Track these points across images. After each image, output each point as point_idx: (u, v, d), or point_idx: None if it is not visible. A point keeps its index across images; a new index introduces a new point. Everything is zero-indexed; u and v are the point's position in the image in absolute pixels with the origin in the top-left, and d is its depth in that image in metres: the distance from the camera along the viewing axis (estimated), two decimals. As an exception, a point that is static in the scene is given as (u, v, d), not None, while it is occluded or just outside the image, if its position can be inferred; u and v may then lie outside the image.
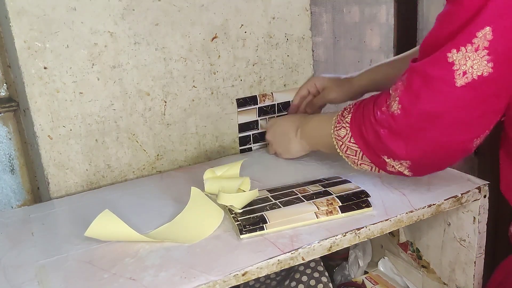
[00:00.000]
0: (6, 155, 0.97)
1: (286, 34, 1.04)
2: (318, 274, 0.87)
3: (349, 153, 0.77)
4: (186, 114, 0.98)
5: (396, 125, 0.68)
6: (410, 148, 0.68)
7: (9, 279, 0.63)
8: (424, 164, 0.71)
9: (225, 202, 0.74)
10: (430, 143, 0.67)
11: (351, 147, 0.76)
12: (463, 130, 0.65)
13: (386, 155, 0.71)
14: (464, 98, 0.62)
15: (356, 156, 0.76)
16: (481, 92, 0.62)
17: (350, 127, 0.75)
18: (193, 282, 0.59)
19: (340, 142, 0.77)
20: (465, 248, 0.82)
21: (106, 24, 0.86)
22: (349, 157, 0.77)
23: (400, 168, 0.72)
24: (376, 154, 0.72)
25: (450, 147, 0.67)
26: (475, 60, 0.60)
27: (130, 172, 0.95)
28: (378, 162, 0.74)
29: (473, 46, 0.59)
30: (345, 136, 0.76)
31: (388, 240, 1.01)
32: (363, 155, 0.75)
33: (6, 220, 0.80)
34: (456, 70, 0.61)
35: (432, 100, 0.64)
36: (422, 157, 0.69)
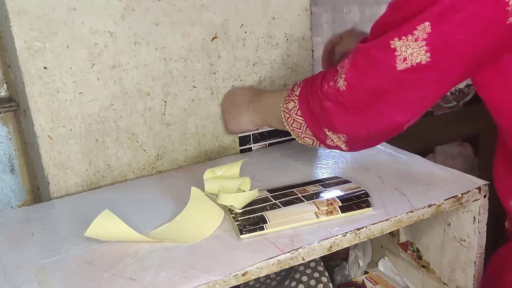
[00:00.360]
0: (6, 155, 0.97)
1: (286, 34, 1.04)
2: (318, 274, 0.87)
3: (294, 126, 0.80)
4: (186, 114, 0.98)
5: (342, 99, 0.72)
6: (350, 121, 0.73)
7: (9, 279, 0.63)
8: (359, 140, 0.76)
9: (225, 202, 0.74)
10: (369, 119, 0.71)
11: (297, 120, 0.79)
12: (403, 109, 0.70)
13: (327, 128, 0.75)
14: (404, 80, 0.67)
15: (300, 129, 0.79)
16: (420, 77, 0.66)
17: (299, 99, 0.79)
18: (193, 282, 0.59)
19: (287, 114, 0.80)
20: (465, 248, 0.82)
21: (106, 24, 0.86)
22: (294, 130, 0.80)
23: (338, 142, 0.76)
24: (319, 126, 0.76)
25: (387, 125, 0.72)
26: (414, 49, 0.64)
27: (130, 172, 0.95)
28: (319, 134, 0.77)
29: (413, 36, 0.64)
30: (293, 109, 0.79)
31: (388, 240, 1.01)
32: (307, 128, 0.78)
33: (6, 220, 0.80)
34: (398, 55, 0.66)
35: (376, 79, 0.68)
36: (359, 132, 0.74)
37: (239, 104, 0.94)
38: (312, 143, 0.80)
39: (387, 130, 0.73)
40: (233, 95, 0.98)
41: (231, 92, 1.00)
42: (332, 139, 0.76)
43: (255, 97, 0.93)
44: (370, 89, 0.69)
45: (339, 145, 0.77)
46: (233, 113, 0.95)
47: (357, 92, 0.70)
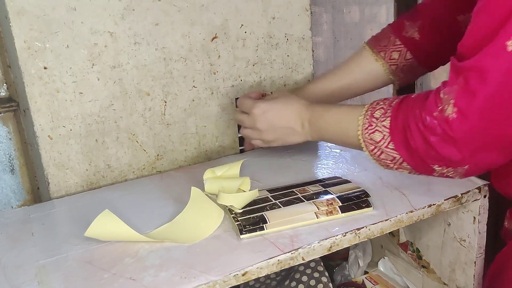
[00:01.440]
0: (6, 155, 0.97)
1: (286, 34, 1.04)
2: (318, 274, 0.87)
3: (383, 158, 0.71)
4: (186, 114, 0.98)
5: (452, 131, 0.62)
6: (468, 152, 0.63)
7: (9, 279, 0.63)
8: (481, 166, 0.66)
9: (225, 202, 0.74)
10: (490, 141, 0.62)
11: (389, 153, 0.70)
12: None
13: (438, 163, 0.66)
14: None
15: (393, 162, 0.70)
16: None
17: (391, 133, 0.69)
18: (193, 282, 0.59)
19: (372, 146, 0.71)
20: (465, 248, 0.82)
21: (106, 24, 0.86)
22: (382, 161, 0.72)
23: (451, 174, 0.67)
24: (423, 161, 0.67)
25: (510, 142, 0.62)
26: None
27: (130, 172, 0.95)
28: (424, 168, 0.69)
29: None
30: (382, 141, 0.70)
31: (388, 240, 1.01)
32: (404, 162, 0.69)
33: (6, 220, 0.80)
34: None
35: (492, 96, 0.59)
36: (481, 159, 0.64)
37: (287, 125, 0.83)
38: (408, 173, 0.72)
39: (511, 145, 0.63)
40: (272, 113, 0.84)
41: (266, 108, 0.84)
42: (443, 172, 0.67)
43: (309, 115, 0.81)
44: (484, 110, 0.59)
45: (452, 176, 0.68)
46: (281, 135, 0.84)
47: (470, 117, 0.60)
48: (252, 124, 0.86)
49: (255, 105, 0.85)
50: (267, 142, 0.86)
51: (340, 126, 0.77)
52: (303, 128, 0.82)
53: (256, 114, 0.84)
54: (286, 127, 0.83)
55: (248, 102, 0.87)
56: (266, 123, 0.84)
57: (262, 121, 0.84)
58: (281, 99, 0.85)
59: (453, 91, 0.62)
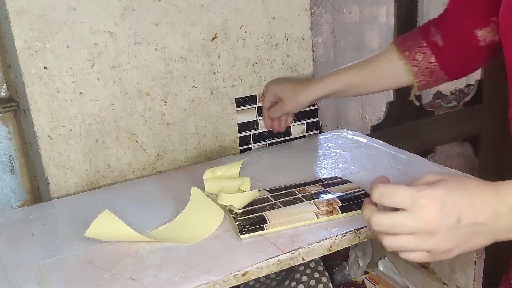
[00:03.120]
0: (6, 155, 0.97)
1: (286, 34, 1.04)
2: (318, 274, 0.87)
3: None
4: (186, 114, 0.98)
5: None
6: None
7: (9, 279, 0.63)
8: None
9: (225, 202, 0.74)
10: None
11: None
12: None
13: None
14: None
15: None
16: None
17: None
18: (193, 282, 0.59)
19: None
20: (465, 248, 0.82)
21: (106, 24, 0.86)
22: None
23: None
24: None
25: None
26: None
27: (130, 172, 0.95)
28: None
29: None
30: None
31: (388, 240, 1.01)
32: None
33: (6, 220, 0.80)
34: None
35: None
36: None
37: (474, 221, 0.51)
38: None
39: None
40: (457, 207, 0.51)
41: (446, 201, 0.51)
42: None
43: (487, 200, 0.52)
44: None
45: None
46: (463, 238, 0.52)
47: None
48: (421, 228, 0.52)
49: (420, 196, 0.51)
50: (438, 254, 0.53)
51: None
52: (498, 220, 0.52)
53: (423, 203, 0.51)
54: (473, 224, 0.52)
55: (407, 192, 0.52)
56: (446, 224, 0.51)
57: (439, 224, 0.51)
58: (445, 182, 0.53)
59: None
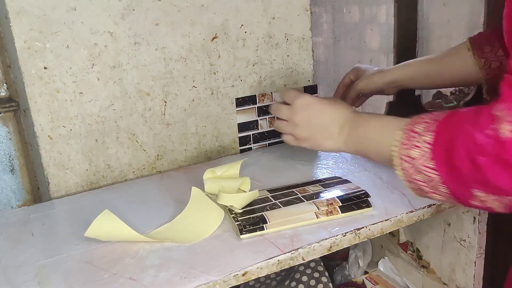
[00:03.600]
0: (6, 155, 0.97)
1: (286, 34, 1.04)
2: (318, 274, 0.87)
3: (417, 179, 0.62)
4: (186, 114, 0.98)
5: (505, 153, 0.54)
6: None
7: (9, 279, 0.63)
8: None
9: (225, 202, 0.74)
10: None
11: (425, 172, 0.60)
12: None
13: (481, 188, 0.57)
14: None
15: (428, 184, 0.61)
16: None
17: (432, 149, 0.60)
18: (193, 282, 0.59)
19: (407, 164, 0.62)
20: (465, 248, 0.82)
21: (106, 24, 0.86)
22: (415, 182, 0.63)
23: (493, 204, 0.58)
24: (465, 184, 0.58)
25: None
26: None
27: (130, 172, 0.95)
28: (462, 193, 0.59)
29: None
30: (419, 159, 0.61)
31: (388, 240, 1.01)
32: (441, 184, 0.60)
33: (6, 220, 0.80)
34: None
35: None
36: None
37: (326, 126, 0.75)
38: (440, 200, 0.65)
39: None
40: (314, 110, 0.76)
41: (308, 102, 0.76)
42: (483, 199, 0.58)
43: (351, 121, 0.73)
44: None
45: (492, 207, 0.59)
46: (316, 135, 0.76)
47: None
48: (290, 115, 0.78)
49: (301, 95, 0.77)
50: (298, 139, 0.78)
51: (377, 138, 0.68)
52: (341, 133, 0.73)
53: (298, 104, 0.76)
54: (323, 127, 0.75)
55: (294, 92, 0.79)
56: (305, 116, 0.76)
57: (302, 114, 0.76)
58: (329, 99, 0.78)
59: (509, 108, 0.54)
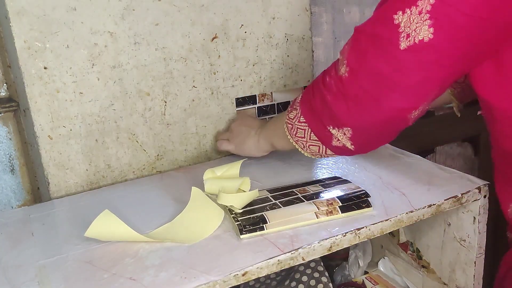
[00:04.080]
0: (6, 155, 0.97)
1: (286, 34, 1.04)
2: (318, 274, 0.87)
3: (298, 136, 0.77)
4: (186, 114, 0.98)
5: (343, 88, 0.67)
6: (353, 111, 0.68)
7: (9, 279, 0.63)
8: (364, 134, 0.71)
9: (225, 203, 0.74)
10: (371, 106, 0.67)
11: (300, 127, 0.76)
12: (403, 96, 0.64)
13: (331, 124, 0.71)
14: (405, 61, 0.62)
15: (305, 137, 0.76)
16: (421, 58, 0.61)
17: (300, 104, 0.76)
18: (193, 282, 0.59)
19: (290, 125, 0.77)
20: (465, 248, 0.82)
21: (106, 24, 0.86)
22: (299, 141, 0.77)
23: (344, 140, 0.72)
24: (322, 124, 0.72)
25: (389, 113, 0.67)
26: (418, 24, 0.59)
27: (130, 172, 0.95)
28: (324, 136, 0.74)
29: (417, 8, 0.59)
30: (295, 117, 0.76)
31: (388, 240, 1.01)
32: (311, 133, 0.75)
33: (6, 220, 0.80)
34: (401, 32, 0.60)
35: (378, 59, 0.63)
36: (363, 122, 0.69)
37: (247, 128, 0.93)
38: (318, 151, 0.77)
39: (391, 120, 0.68)
40: (243, 118, 0.98)
41: (242, 114, 1.00)
42: (338, 137, 0.72)
43: (263, 123, 0.92)
44: (371, 72, 0.64)
45: (346, 145, 0.73)
46: (240, 136, 0.94)
47: (359, 77, 0.66)
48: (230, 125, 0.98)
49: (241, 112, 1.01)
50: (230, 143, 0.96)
51: (277, 121, 0.84)
52: (256, 132, 0.91)
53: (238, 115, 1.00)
54: (245, 129, 0.93)
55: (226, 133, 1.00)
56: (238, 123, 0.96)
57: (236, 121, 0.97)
58: None
59: (346, 51, 0.67)
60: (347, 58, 0.67)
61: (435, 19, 0.58)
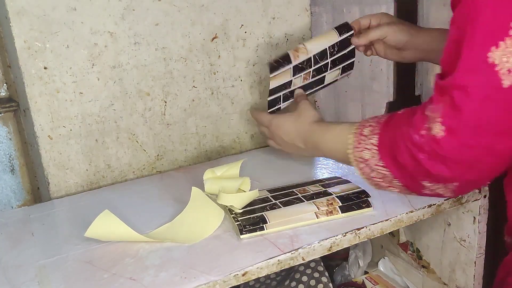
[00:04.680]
0: (6, 155, 0.97)
1: (286, 34, 1.04)
2: (318, 274, 0.87)
3: (374, 176, 0.69)
4: (186, 114, 0.98)
5: (440, 149, 0.60)
6: (458, 169, 0.62)
7: (9, 279, 0.63)
8: (470, 181, 0.66)
9: (225, 202, 0.74)
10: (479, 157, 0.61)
11: (379, 171, 0.68)
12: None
13: (428, 179, 0.64)
14: None
15: (384, 180, 0.69)
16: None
17: (379, 150, 0.67)
18: (193, 282, 0.59)
19: (362, 164, 0.69)
20: (465, 248, 0.82)
21: (106, 24, 0.86)
22: (373, 180, 0.70)
23: (441, 191, 0.66)
24: (413, 178, 0.66)
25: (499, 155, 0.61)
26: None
27: (130, 172, 0.95)
28: (414, 185, 0.67)
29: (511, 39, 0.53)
30: (371, 159, 0.68)
31: (388, 240, 1.01)
32: (394, 179, 0.68)
33: (6, 220, 0.80)
34: (500, 70, 0.55)
35: (479, 111, 0.57)
36: (471, 175, 0.63)
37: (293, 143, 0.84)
38: (398, 191, 0.70)
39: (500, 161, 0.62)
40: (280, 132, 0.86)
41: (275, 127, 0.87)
42: (433, 189, 0.66)
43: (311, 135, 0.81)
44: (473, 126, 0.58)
45: (442, 194, 0.67)
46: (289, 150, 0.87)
47: (459, 135, 0.59)
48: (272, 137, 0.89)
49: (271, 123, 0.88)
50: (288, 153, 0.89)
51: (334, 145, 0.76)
52: (306, 146, 0.82)
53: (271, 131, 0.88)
54: (292, 144, 0.84)
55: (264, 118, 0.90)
56: (279, 139, 0.87)
57: (276, 138, 0.87)
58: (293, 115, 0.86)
59: (439, 109, 0.60)
60: (442, 117, 0.60)
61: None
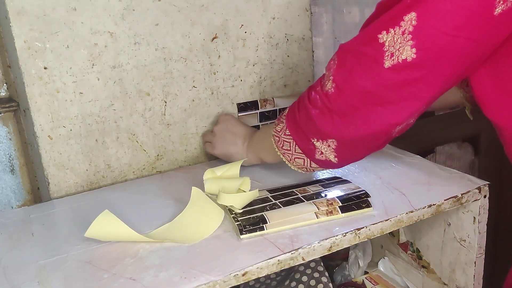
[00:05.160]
0: (6, 155, 0.97)
1: (286, 34, 1.04)
2: (318, 274, 0.87)
3: (284, 149, 0.77)
4: (186, 114, 0.98)
5: (329, 103, 0.69)
6: (338, 125, 0.69)
7: (9, 279, 0.63)
8: (349, 146, 0.72)
9: (225, 203, 0.74)
10: (358, 121, 0.68)
11: (286, 140, 0.76)
12: (391, 111, 0.66)
13: (315, 136, 0.72)
14: (390, 79, 0.63)
15: (290, 149, 0.77)
16: (405, 76, 0.63)
17: (286, 118, 0.77)
18: (193, 282, 0.59)
19: (277, 137, 0.78)
20: (465, 248, 0.82)
21: (106, 24, 0.86)
22: (285, 154, 0.78)
23: (327, 153, 0.73)
24: (306, 137, 0.73)
25: (376, 127, 0.68)
26: (401, 44, 0.61)
27: (130, 172, 0.95)
28: (308, 149, 0.74)
29: (400, 29, 0.61)
30: (281, 130, 0.77)
31: (388, 240, 1.01)
32: (296, 146, 0.76)
33: (6, 220, 0.80)
34: (385, 51, 0.62)
35: (364, 78, 0.65)
36: (348, 135, 0.70)
37: (235, 136, 0.92)
38: (303, 163, 0.77)
39: (377, 134, 0.69)
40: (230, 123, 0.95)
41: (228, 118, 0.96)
42: (321, 150, 0.73)
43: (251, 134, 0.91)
44: (358, 90, 0.66)
45: (329, 158, 0.73)
46: (226, 142, 0.93)
47: (346, 94, 0.67)
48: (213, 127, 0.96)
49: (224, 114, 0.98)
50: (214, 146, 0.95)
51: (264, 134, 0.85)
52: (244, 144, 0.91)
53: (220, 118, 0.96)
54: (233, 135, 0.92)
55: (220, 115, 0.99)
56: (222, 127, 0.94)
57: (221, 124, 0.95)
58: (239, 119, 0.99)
59: (331, 68, 0.69)
60: (333, 75, 0.68)
61: (417, 39, 0.60)
